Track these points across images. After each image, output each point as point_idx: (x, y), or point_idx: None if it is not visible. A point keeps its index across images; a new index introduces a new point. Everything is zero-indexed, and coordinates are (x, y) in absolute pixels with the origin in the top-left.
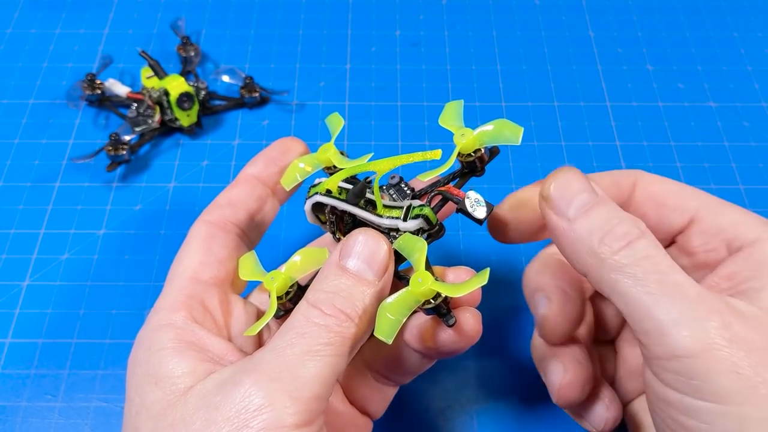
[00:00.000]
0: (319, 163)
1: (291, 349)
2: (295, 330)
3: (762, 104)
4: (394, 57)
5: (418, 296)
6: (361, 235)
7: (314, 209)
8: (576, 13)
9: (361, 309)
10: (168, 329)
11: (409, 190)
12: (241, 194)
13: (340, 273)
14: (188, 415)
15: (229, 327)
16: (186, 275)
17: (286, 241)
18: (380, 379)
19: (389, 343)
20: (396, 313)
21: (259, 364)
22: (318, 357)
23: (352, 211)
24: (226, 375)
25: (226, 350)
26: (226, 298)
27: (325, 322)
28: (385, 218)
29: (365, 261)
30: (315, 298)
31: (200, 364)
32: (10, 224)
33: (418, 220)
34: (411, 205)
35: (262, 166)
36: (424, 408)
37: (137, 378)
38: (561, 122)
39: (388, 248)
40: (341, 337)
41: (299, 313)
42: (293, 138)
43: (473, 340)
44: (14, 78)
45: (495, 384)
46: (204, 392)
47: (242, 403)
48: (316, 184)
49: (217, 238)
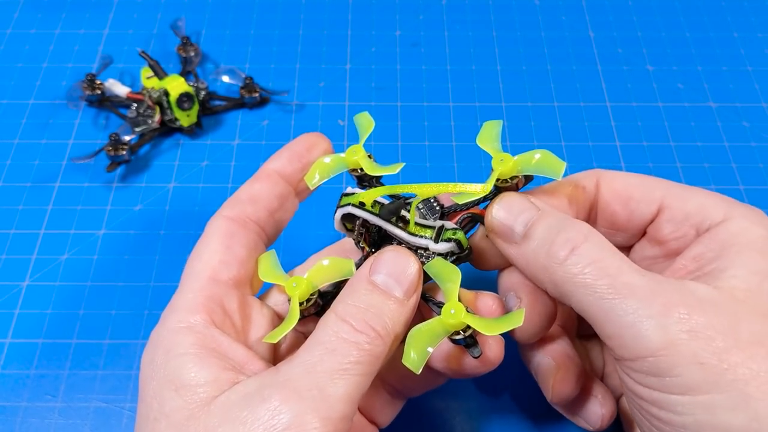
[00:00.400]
0: (346, 165)
1: (321, 365)
2: (324, 345)
3: (762, 104)
4: (394, 57)
5: (448, 327)
6: (392, 252)
7: (343, 218)
8: (576, 13)
9: (391, 327)
10: (188, 333)
11: (438, 206)
12: (263, 190)
13: (371, 288)
14: (212, 427)
15: (248, 332)
16: (205, 274)
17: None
18: (391, 392)
19: (417, 374)
20: (425, 342)
21: (288, 381)
22: (347, 376)
23: (385, 226)
24: (252, 388)
25: (247, 358)
26: (245, 301)
27: (356, 339)
28: (416, 237)
29: (395, 278)
30: (345, 312)
31: (222, 372)
32: (9, 224)
33: (451, 243)
34: (444, 226)
35: (285, 162)
36: (423, 408)
37: (156, 382)
38: (561, 122)
39: (419, 268)
40: (370, 355)
41: (328, 327)
42: (319, 134)
43: (493, 366)
44: (14, 78)
45: (495, 384)
46: (229, 405)
47: (271, 421)
48: (349, 194)
49: (238, 236)
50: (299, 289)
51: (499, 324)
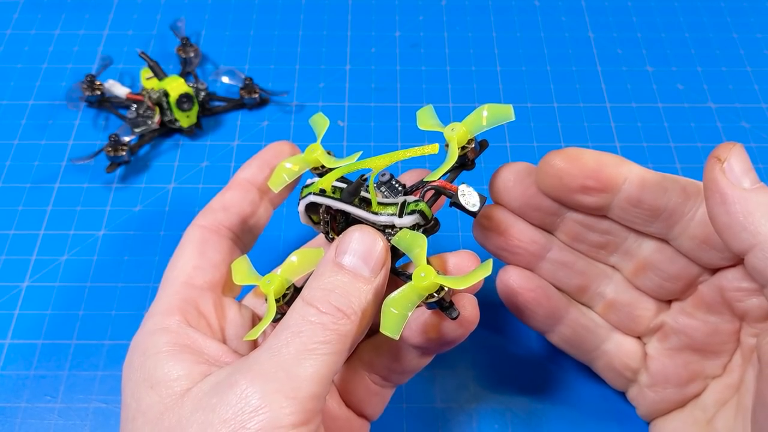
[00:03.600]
0: (307, 164)
1: (287, 348)
2: (290, 329)
3: (762, 105)
4: (393, 58)
5: (421, 291)
6: (356, 232)
7: (308, 210)
8: (576, 14)
9: (358, 306)
10: (163, 333)
11: (401, 187)
12: (235, 198)
13: (336, 270)
14: (185, 418)
15: (224, 330)
16: (180, 280)
17: (284, 244)
18: (377, 381)
19: (396, 338)
20: (401, 309)
21: (255, 365)
22: (315, 356)
23: (347, 209)
24: (222, 376)
25: (221, 352)
26: (221, 302)
27: (321, 320)
28: (380, 215)
29: (361, 257)
30: (311, 296)
31: (196, 366)
32: (9, 225)
33: (414, 215)
34: (405, 201)
35: (255, 170)
36: (423, 409)
37: (133, 383)
38: (561, 123)
39: (385, 244)
40: (338, 334)
41: (295, 312)
42: (286, 141)
43: (472, 326)
44: (14, 79)
45: (494, 384)
46: (200, 394)
47: (239, 404)
48: (309, 184)
49: (211, 243)
50: (273, 285)
51: (469, 277)
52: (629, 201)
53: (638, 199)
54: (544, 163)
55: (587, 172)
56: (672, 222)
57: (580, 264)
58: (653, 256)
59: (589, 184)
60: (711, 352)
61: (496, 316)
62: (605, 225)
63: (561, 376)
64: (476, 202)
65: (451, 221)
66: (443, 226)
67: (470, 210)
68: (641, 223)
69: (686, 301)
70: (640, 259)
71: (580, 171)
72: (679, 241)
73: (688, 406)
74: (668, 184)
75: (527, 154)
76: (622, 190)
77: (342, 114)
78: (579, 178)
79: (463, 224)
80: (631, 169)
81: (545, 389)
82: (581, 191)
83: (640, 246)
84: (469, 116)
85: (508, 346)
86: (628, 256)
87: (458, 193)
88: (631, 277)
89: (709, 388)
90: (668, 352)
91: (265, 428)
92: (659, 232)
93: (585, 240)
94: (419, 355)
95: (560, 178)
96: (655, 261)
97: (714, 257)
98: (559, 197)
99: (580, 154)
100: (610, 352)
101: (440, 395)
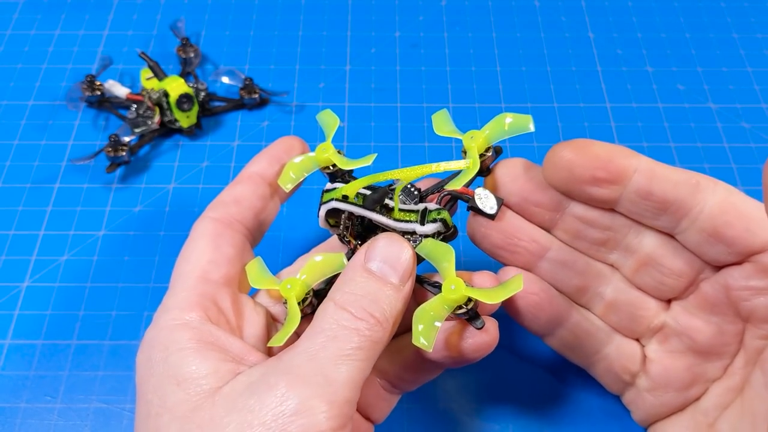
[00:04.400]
0: (317, 164)
1: (324, 352)
2: (325, 333)
3: (762, 105)
4: (393, 58)
5: (450, 303)
6: (385, 239)
7: (327, 214)
8: (575, 14)
9: (389, 313)
10: (184, 329)
11: (417, 191)
12: (246, 192)
13: (366, 275)
14: (219, 417)
15: (242, 328)
16: (195, 274)
17: (284, 244)
18: (387, 387)
19: (430, 351)
20: (431, 320)
21: (293, 368)
22: (349, 361)
23: (370, 216)
24: (256, 377)
25: (245, 350)
26: (237, 299)
27: (356, 325)
28: (401, 222)
29: (390, 264)
30: (343, 300)
31: (223, 364)
32: (9, 225)
33: (437, 224)
34: (426, 208)
35: (265, 164)
36: (424, 410)
37: (156, 378)
38: (561, 123)
39: (412, 253)
40: (371, 341)
41: (328, 315)
42: (295, 137)
43: (491, 348)
44: (14, 79)
45: (494, 385)
46: (234, 394)
47: (279, 408)
48: (330, 189)
49: (225, 236)
50: (295, 290)
51: (499, 291)
52: (639, 193)
53: (648, 190)
54: (553, 155)
55: (598, 162)
56: (680, 215)
57: (579, 263)
58: (656, 252)
59: (600, 175)
60: (713, 354)
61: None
62: (607, 220)
63: (561, 378)
64: (493, 204)
65: None
66: None
67: (488, 213)
68: (650, 216)
69: (688, 300)
70: (641, 255)
71: (591, 162)
72: (685, 234)
73: (688, 409)
74: (678, 176)
75: (527, 155)
76: (632, 181)
77: (342, 114)
78: (590, 169)
79: (463, 225)
80: (641, 160)
81: (545, 391)
82: (591, 183)
83: (642, 241)
84: (489, 124)
85: (508, 349)
86: (629, 252)
87: (475, 197)
88: (632, 274)
89: (710, 392)
90: (669, 355)
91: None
92: (666, 225)
93: (585, 237)
94: (434, 367)
95: (570, 169)
96: (657, 256)
97: (721, 252)
98: (567, 190)
99: (590, 145)
100: (609, 356)
101: (441, 397)
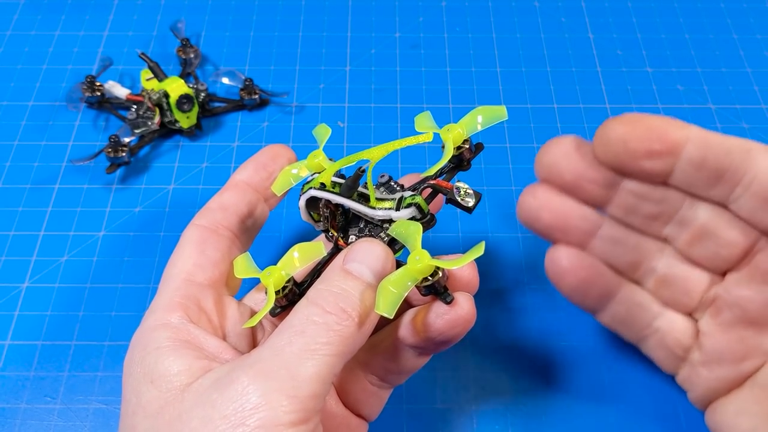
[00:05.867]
0: (309, 170)
1: (290, 347)
2: (294, 328)
3: (761, 106)
4: (393, 59)
5: (416, 273)
6: (365, 243)
7: (308, 206)
8: (575, 15)
9: (362, 309)
10: (164, 329)
11: (399, 187)
12: (232, 199)
13: (344, 275)
14: (185, 413)
15: (224, 327)
16: (180, 277)
17: (284, 244)
18: (375, 381)
19: (391, 317)
20: (396, 289)
21: (257, 362)
22: (317, 356)
23: (345, 203)
24: (223, 372)
25: (222, 348)
26: (221, 300)
27: (325, 320)
28: (378, 210)
29: (367, 265)
30: (315, 296)
31: (196, 361)
32: (9, 226)
33: (411, 209)
34: (402, 196)
35: (252, 172)
36: (423, 409)
37: (133, 378)
38: (560, 124)
39: (390, 254)
40: (340, 336)
41: (299, 311)
42: (282, 145)
43: (468, 323)
44: (14, 80)
45: (494, 385)
46: (201, 389)
47: (240, 400)
48: (310, 181)
49: (210, 241)
50: (273, 277)
51: (462, 258)
52: (692, 163)
53: (701, 160)
54: (605, 130)
55: (653, 134)
56: (733, 183)
57: (631, 239)
58: (710, 223)
59: (656, 147)
60: (767, 325)
61: (496, 318)
62: (660, 193)
63: (561, 379)
64: (471, 198)
65: (452, 222)
66: (444, 226)
67: (466, 206)
68: (703, 186)
69: (741, 271)
70: (695, 228)
71: (645, 134)
72: (739, 202)
73: (746, 384)
74: (730, 143)
75: (527, 155)
76: (685, 152)
77: (342, 115)
78: (645, 141)
79: (463, 225)
80: (692, 130)
81: (546, 391)
82: (646, 156)
83: (696, 213)
84: (464, 117)
85: (508, 348)
86: (683, 225)
87: (454, 189)
88: (686, 247)
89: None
90: (722, 327)
91: (265, 425)
92: (720, 195)
93: (639, 212)
94: (416, 355)
95: (624, 143)
96: (711, 228)
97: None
98: (620, 165)
99: (643, 118)
100: (661, 329)
101: (441, 396)
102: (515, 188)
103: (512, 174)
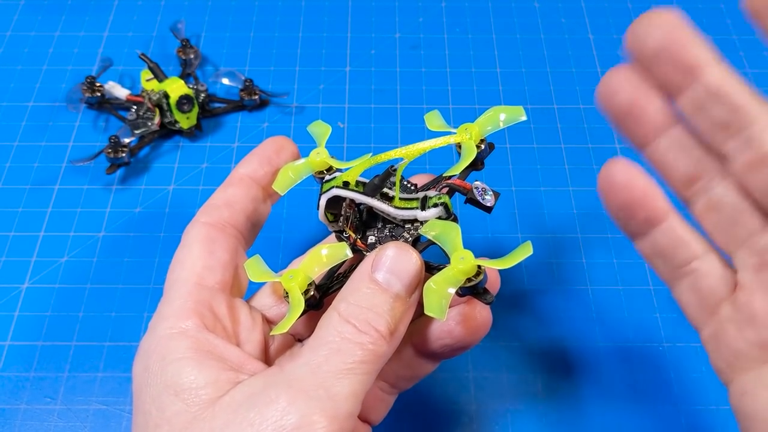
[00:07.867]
0: (311, 168)
1: (326, 365)
2: (328, 345)
3: None
4: (393, 60)
5: (459, 274)
6: (393, 248)
7: (328, 205)
8: (575, 15)
9: (394, 326)
10: (181, 337)
11: (413, 187)
12: (237, 195)
13: (372, 285)
14: (218, 429)
15: (238, 334)
16: (191, 281)
17: (284, 244)
18: (385, 388)
19: (443, 319)
20: (443, 290)
21: (294, 380)
22: (352, 375)
23: (370, 203)
24: (258, 388)
25: (243, 359)
26: (233, 304)
27: (360, 339)
28: (403, 210)
29: (397, 275)
30: (348, 312)
31: (222, 373)
32: (9, 227)
33: (438, 208)
34: (426, 196)
35: (256, 165)
36: (423, 410)
37: (153, 389)
38: (560, 124)
39: (421, 263)
40: (374, 355)
41: (332, 327)
42: (284, 137)
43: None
44: (14, 80)
45: (494, 385)
46: (234, 406)
47: (279, 422)
48: (330, 179)
49: (219, 241)
50: (296, 280)
51: (511, 258)
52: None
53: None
54: None
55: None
56: None
57: (696, 151)
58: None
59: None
60: None
61: (497, 318)
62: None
63: (561, 379)
64: (491, 197)
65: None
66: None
67: (486, 205)
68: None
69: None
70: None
71: None
72: None
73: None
74: None
75: (527, 156)
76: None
77: (342, 115)
78: None
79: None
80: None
81: (545, 391)
82: None
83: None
84: (482, 116)
85: (508, 348)
86: (749, 143)
87: (473, 189)
88: (745, 170)
89: None
90: (762, 285)
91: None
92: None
93: (710, 112)
94: (428, 362)
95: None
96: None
97: None
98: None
99: None
100: (699, 271)
101: (440, 397)
102: (515, 188)
103: (512, 174)
